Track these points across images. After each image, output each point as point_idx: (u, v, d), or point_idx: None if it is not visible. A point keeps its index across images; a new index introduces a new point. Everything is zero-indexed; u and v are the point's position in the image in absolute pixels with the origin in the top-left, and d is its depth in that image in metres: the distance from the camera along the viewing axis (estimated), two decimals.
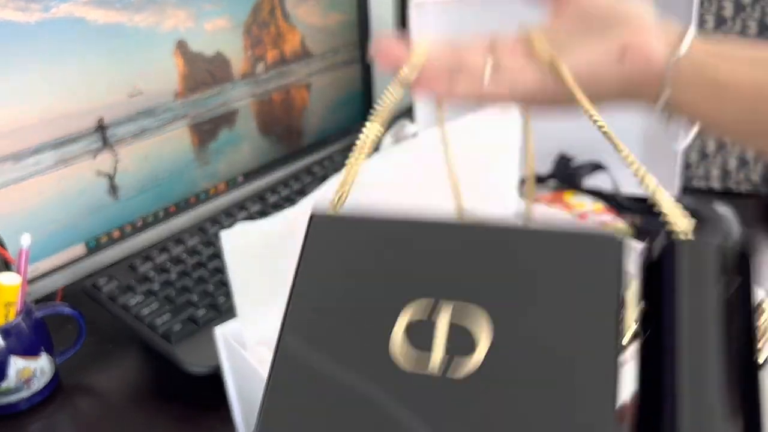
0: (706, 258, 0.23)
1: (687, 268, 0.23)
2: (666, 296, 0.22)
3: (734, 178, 0.88)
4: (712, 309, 0.22)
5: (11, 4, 0.62)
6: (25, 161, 0.65)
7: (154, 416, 0.58)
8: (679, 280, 0.22)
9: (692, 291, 0.22)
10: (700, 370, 0.20)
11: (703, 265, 0.23)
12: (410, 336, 0.21)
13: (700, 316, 0.21)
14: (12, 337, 0.57)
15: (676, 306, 0.22)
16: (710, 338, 0.21)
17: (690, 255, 0.23)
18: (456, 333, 0.21)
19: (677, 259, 0.23)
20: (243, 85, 0.85)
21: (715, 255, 0.23)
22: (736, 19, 0.83)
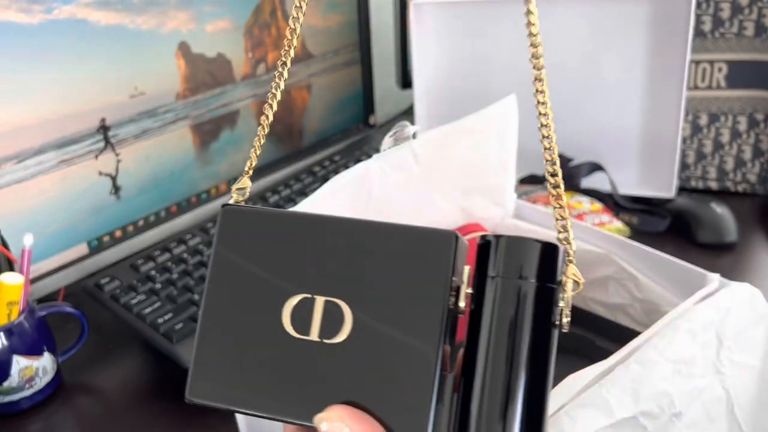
0: (512, 251, 0.27)
1: (493, 261, 0.27)
2: (478, 285, 0.28)
3: (731, 178, 0.89)
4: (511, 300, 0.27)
5: (14, 5, 0.62)
6: (28, 161, 0.66)
7: (155, 415, 0.59)
8: (486, 270, 0.27)
9: (497, 283, 0.27)
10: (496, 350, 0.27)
11: (509, 258, 0.27)
12: (294, 318, 0.28)
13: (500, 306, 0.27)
14: (14, 337, 0.58)
15: (484, 296, 0.27)
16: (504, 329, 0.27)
17: (496, 248, 0.28)
18: (328, 316, 0.28)
19: (489, 250, 0.28)
20: (244, 86, 0.85)
21: (518, 249, 0.27)
22: (734, 21, 0.83)
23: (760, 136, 0.87)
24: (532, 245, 0.27)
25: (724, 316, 0.46)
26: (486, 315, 0.27)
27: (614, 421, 0.40)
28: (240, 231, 0.30)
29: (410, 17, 0.85)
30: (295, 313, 0.28)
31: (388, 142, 0.55)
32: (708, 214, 0.78)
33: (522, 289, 0.27)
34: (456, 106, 0.87)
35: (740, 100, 0.86)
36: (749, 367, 0.47)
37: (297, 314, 0.28)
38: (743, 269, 0.73)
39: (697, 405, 0.44)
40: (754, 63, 0.84)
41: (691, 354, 0.44)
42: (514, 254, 0.27)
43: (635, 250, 0.57)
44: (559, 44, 0.84)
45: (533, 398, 0.27)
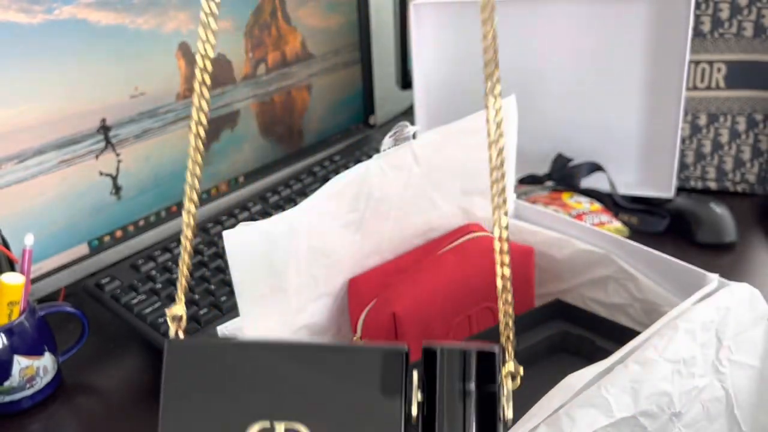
0: (452, 361, 0.29)
1: (438, 371, 0.29)
2: (429, 391, 0.29)
3: (730, 178, 0.89)
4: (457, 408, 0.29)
5: (14, 5, 0.62)
6: (28, 161, 0.66)
7: (155, 414, 0.59)
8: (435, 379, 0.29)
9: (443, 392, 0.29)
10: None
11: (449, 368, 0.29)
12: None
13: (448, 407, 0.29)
14: (15, 336, 0.58)
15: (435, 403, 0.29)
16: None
17: (441, 359, 0.29)
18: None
19: (435, 362, 0.29)
20: (244, 87, 0.85)
21: (458, 359, 0.29)
22: (733, 21, 0.83)
23: (759, 136, 0.87)
24: (469, 355, 0.29)
25: (724, 316, 0.46)
26: (437, 421, 0.29)
27: (614, 421, 0.40)
28: (188, 365, 0.29)
29: (410, 17, 0.86)
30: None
31: (388, 142, 0.55)
32: (707, 214, 0.79)
33: (465, 397, 0.29)
34: (456, 106, 0.88)
35: (739, 101, 0.86)
36: (749, 367, 0.47)
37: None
38: (742, 269, 0.74)
39: (696, 405, 0.44)
40: (753, 63, 0.84)
41: (691, 354, 0.44)
42: (455, 365, 0.29)
43: (635, 250, 0.57)
44: (558, 44, 0.84)
45: None
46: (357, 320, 0.54)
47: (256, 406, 0.29)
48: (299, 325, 0.52)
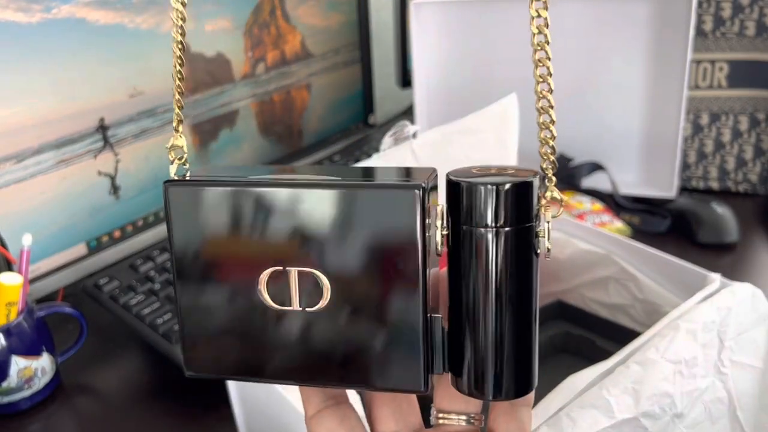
0: (482, 199, 0.26)
1: (464, 208, 0.26)
2: (453, 230, 0.27)
3: (732, 178, 0.88)
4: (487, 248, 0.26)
5: (12, 4, 0.62)
6: (27, 161, 0.66)
7: (154, 415, 0.59)
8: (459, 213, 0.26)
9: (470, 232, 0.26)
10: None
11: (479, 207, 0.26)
12: (271, 290, 0.27)
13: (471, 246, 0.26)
14: (13, 337, 0.57)
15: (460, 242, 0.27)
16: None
17: (465, 195, 0.26)
18: (305, 285, 0.27)
19: (460, 196, 0.26)
20: (243, 86, 0.85)
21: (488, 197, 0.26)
22: (735, 20, 0.83)
23: (761, 135, 0.86)
24: (499, 191, 0.26)
25: (725, 317, 0.46)
26: (464, 261, 0.26)
27: (615, 422, 0.40)
28: (192, 208, 0.28)
29: (410, 17, 0.85)
30: (271, 286, 0.27)
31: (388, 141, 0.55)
32: (709, 214, 0.78)
33: (497, 236, 0.26)
34: (456, 106, 0.87)
35: (741, 100, 0.86)
36: (751, 367, 0.47)
37: (273, 286, 0.27)
38: (744, 269, 0.73)
39: (698, 406, 0.44)
40: (755, 62, 0.84)
41: (693, 354, 0.44)
42: (481, 203, 0.26)
43: (636, 251, 0.57)
44: (560, 44, 0.83)
45: (521, 330, 0.27)
46: None
47: (267, 249, 0.27)
48: None
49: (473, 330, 0.27)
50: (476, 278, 0.26)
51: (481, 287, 0.26)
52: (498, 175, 0.26)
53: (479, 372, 0.27)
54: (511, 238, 0.26)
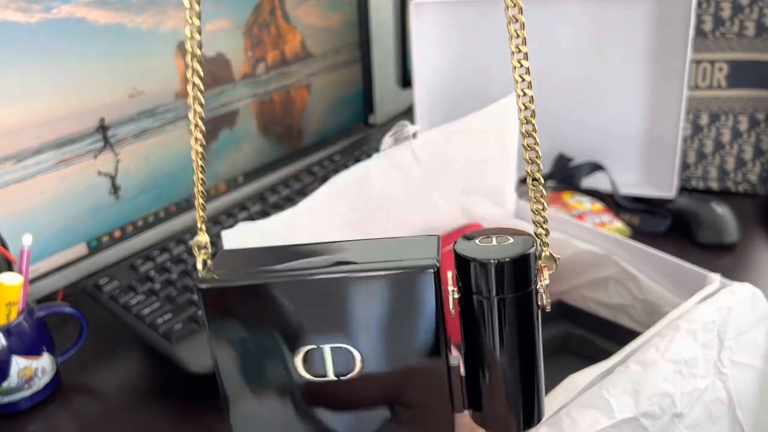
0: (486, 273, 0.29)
1: (473, 279, 0.29)
2: (464, 295, 0.30)
3: (732, 178, 0.88)
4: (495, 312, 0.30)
5: (12, 4, 0.62)
6: (27, 161, 0.66)
7: (154, 415, 0.59)
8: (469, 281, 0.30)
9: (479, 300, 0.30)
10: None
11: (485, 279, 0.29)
12: (308, 367, 0.31)
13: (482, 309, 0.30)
14: (14, 337, 0.57)
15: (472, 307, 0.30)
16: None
17: (473, 269, 0.29)
18: (338, 358, 0.30)
19: (464, 270, 0.30)
20: (243, 86, 0.85)
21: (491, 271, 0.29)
22: (734, 20, 0.83)
23: (761, 135, 0.86)
24: (502, 265, 0.29)
25: (725, 317, 0.46)
26: (476, 322, 0.30)
27: (615, 422, 0.40)
28: (225, 305, 0.30)
29: (410, 17, 0.85)
30: (308, 362, 0.31)
31: (388, 142, 0.55)
32: (709, 214, 0.78)
33: (503, 303, 0.30)
34: (456, 106, 0.87)
35: (741, 100, 0.86)
36: (751, 367, 0.47)
37: (310, 362, 0.31)
38: (744, 269, 0.73)
39: (698, 406, 0.44)
40: (755, 63, 0.84)
41: (692, 354, 0.44)
42: (487, 276, 0.29)
43: (636, 251, 0.57)
44: (559, 44, 0.84)
45: (528, 375, 0.30)
46: None
47: (300, 333, 0.30)
48: None
49: (486, 377, 0.30)
50: (486, 336, 0.30)
51: (491, 343, 0.30)
52: (498, 246, 0.30)
53: (495, 410, 0.31)
54: (515, 301, 0.29)
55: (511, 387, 0.30)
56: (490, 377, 0.30)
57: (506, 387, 0.30)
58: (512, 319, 0.30)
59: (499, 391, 0.30)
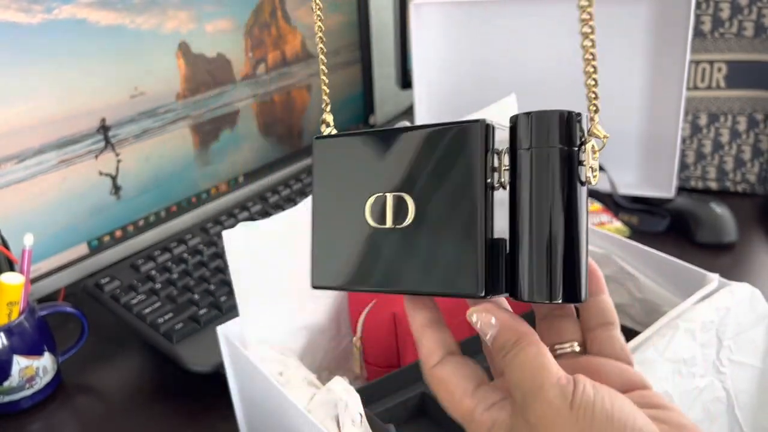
0: (534, 124, 0.32)
1: (521, 136, 0.32)
2: (512, 160, 0.32)
3: (731, 178, 0.89)
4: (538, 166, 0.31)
5: (14, 5, 0.62)
6: (28, 161, 0.66)
7: (155, 414, 0.59)
8: (518, 142, 0.32)
9: (523, 154, 0.32)
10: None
11: (530, 131, 0.32)
12: (373, 212, 0.35)
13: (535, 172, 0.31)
14: (15, 336, 0.58)
15: (517, 168, 0.32)
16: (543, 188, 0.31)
17: (521, 124, 0.32)
18: (397, 207, 0.34)
19: (518, 125, 0.32)
20: (244, 86, 0.85)
21: (539, 121, 0.32)
22: (733, 21, 0.83)
23: (760, 136, 0.87)
24: (550, 116, 0.32)
25: (724, 316, 0.46)
26: (521, 183, 0.31)
27: None
28: (328, 153, 0.37)
29: (410, 17, 0.85)
30: (374, 209, 0.34)
31: None
32: (707, 214, 0.78)
33: (546, 155, 0.31)
34: (456, 106, 0.88)
35: (740, 100, 0.86)
36: (749, 367, 0.47)
37: (375, 209, 0.34)
38: (743, 269, 0.74)
39: (697, 405, 0.44)
40: (754, 63, 0.84)
41: (691, 354, 0.44)
42: (535, 127, 0.31)
43: (635, 250, 0.57)
44: (558, 44, 0.84)
45: (571, 249, 0.31)
46: (357, 320, 0.54)
47: (373, 181, 0.35)
48: (299, 325, 0.52)
49: (528, 239, 0.31)
50: (529, 193, 0.31)
51: (533, 202, 0.31)
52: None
53: (532, 277, 0.31)
54: (558, 157, 0.31)
55: (552, 250, 0.31)
56: (532, 239, 0.31)
57: (548, 249, 0.31)
58: (556, 176, 0.31)
59: (541, 254, 0.31)
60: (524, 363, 0.30)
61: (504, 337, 0.31)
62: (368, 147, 0.35)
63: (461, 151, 0.32)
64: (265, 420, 0.48)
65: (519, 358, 0.31)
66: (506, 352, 0.31)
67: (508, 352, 0.31)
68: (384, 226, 0.34)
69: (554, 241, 0.31)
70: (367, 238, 0.35)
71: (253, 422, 0.52)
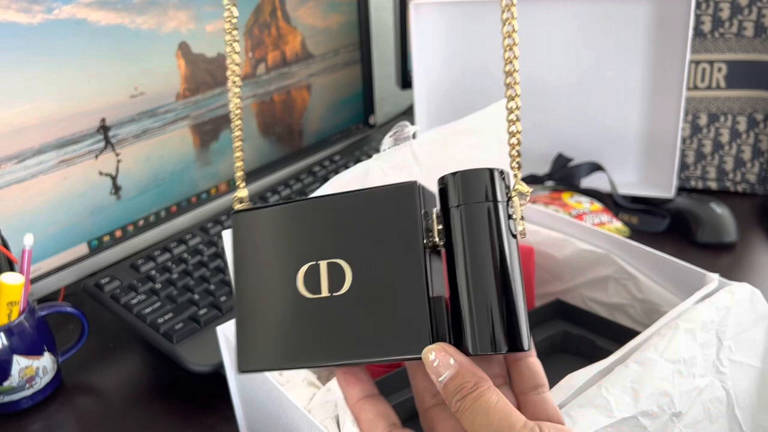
0: (460, 182, 0.32)
1: (450, 194, 0.32)
2: (444, 220, 0.32)
3: (731, 178, 0.89)
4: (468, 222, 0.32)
5: (14, 5, 0.62)
6: (28, 161, 0.66)
7: (155, 415, 0.59)
8: (449, 201, 0.32)
9: (453, 212, 0.32)
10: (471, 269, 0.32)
11: (458, 190, 0.32)
12: (306, 282, 0.33)
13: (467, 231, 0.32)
14: (15, 337, 0.58)
15: (450, 226, 0.32)
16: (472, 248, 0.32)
17: (453, 181, 0.32)
18: (332, 274, 0.33)
19: (447, 185, 0.32)
20: (244, 86, 0.85)
21: (465, 180, 0.32)
22: (733, 21, 0.83)
23: (760, 136, 0.87)
24: (477, 174, 0.32)
25: (724, 316, 0.46)
26: (455, 239, 0.32)
27: (614, 421, 0.40)
28: (249, 228, 0.35)
29: (410, 17, 0.86)
30: (307, 279, 0.33)
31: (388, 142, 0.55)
32: (707, 214, 0.78)
33: (476, 210, 0.31)
34: (456, 106, 0.88)
35: (740, 100, 0.86)
36: (749, 367, 0.47)
37: (308, 279, 0.33)
38: (743, 269, 0.74)
39: (697, 405, 0.44)
40: (754, 63, 0.84)
41: (691, 354, 0.44)
42: (462, 185, 0.32)
43: (635, 250, 0.57)
44: (559, 44, 0.84)
45: (508, 298, 0.31)
46: None
47: (303, 251, 0.34)
48: None
49: (467, 294, 0.31)
50: (464, 249, 0.31)
51: (469, 257, 0.31)
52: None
53: (475, 332, 0.31)
54: (487, 210, 0.32)
55: (490, 305, 0.31)
56: (470, 296, 0.31)
57: (487, 305, 0.31)
58: (485, 230, 0.31)
59: (480, 310, 0.31)
60: (488, 407, 0.30)
61: (462, 379, 0.31)
62: (293, 217, 0.34)
63: (396, 215, 0.32)
64: (265, 420, 0.48)
65: (481, 401, 0.31)
66: (464, 395, 0.31)
67: (467, 395, 0.31)
68: (319, 295, 0.33)
69: (492, 295, 0.31)
70: (300, 311, 0.33)
71: (253, 422, 0.52)
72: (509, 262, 0.31)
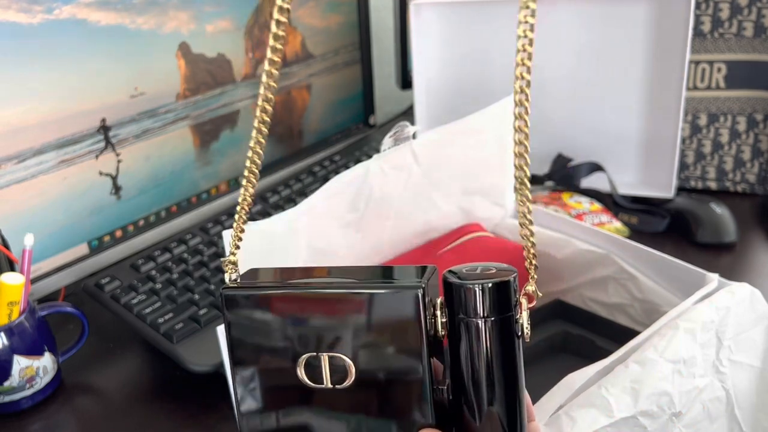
0: (469, 296, 0.32)
1: (457, 302, 0.32)
2: (450, 318, 0.33)
3: (730, 178, 0.89)
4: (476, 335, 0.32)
5: (14, 5, 0.62)
6: (28, 161, 0.66)
7: (156, 415, 0.59)
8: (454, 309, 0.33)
9: (462, 322, 0.32)
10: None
11: (467, 302, 0.32)
12: (307, 373, 0.34)
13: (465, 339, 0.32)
14: (15, 337, 0.58)
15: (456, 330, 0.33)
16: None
17: (456, 292, 0.32)
18: (334, 367, 0.33)
19: (450, 294, 0.32)
20: (244, 86, 0.85)
21: (473, 294, 0.32)
22: (733, 21, 0.83)
23: (759, 136, 0.87)
24: (484, 289, 0.32)
25: (724, 316, 0.46)
26: (461, 346, 0.32)
27: (614, 421, 0.40)
28: (243, 310, 0.35)
29: (410, 17, 0.86)
30: (308, 369, 0.34)
31: (388, 142, 0.55)
32: (707, 214, 0.79)
33: (484, 325, 0.32)
34: (456, 106, 0.88)
35: (739, 101, 0.86)
36: (749, 366, 0.47)
37: (309, 370, 0.34)
38: (742, 269, 0.74)
39: (697, 405, 0.44)
40: (753, 63, 0.84)
41: (691, 354, 0.44)
42: (470, 299, 0.32)
43: (635, 250, 0.57)
44: (559, 44, 0.84)
45: (513, 398, 0.32)
46: None
47: (303, 341, 0.34)
48: None
49: (470, 398, 0.33)
50: (470, 358, 0.32)
51: (475, 365, 0.32)
52: (483, 276, 0.32)
53: (478, 427, 0.32)
54: (496, 325, 0.32)
55: (492, 410, 0.32)
56: (473, 400, 0.32)
57: (490, 410, 0.32)
58: (494, 341, 0.32)
59: (482, 414, 0.32)
60: None
61: None
62: (291, 308, 0.34)
63: (401, 318, 0.32)
64: None
65: None
66: None
67: None
68: (321, 386, 0.34)
69: (498, 396, 0.32)
70: (300, 400, 0.34)
71: None
72: (514, 364, 0.32)
